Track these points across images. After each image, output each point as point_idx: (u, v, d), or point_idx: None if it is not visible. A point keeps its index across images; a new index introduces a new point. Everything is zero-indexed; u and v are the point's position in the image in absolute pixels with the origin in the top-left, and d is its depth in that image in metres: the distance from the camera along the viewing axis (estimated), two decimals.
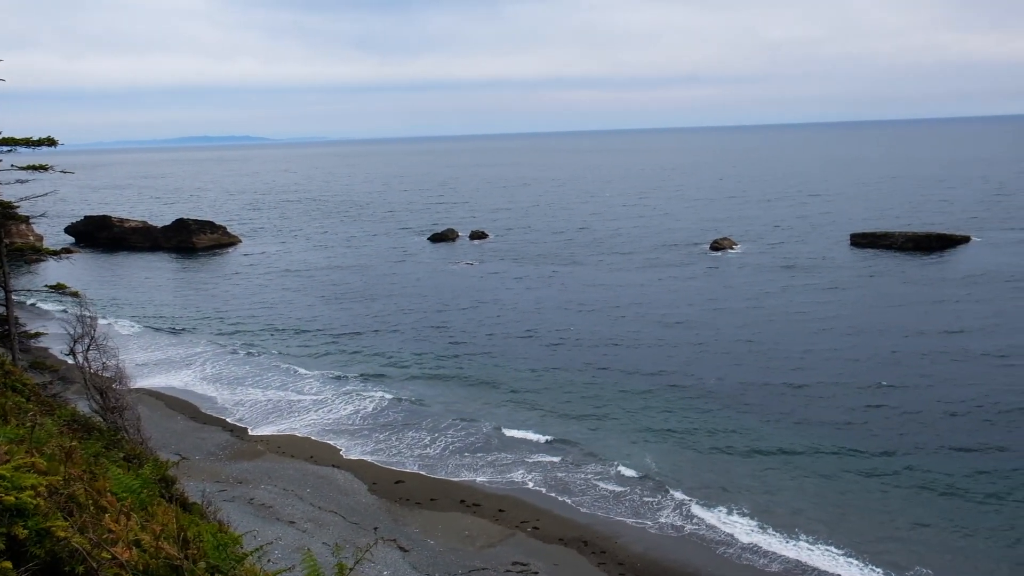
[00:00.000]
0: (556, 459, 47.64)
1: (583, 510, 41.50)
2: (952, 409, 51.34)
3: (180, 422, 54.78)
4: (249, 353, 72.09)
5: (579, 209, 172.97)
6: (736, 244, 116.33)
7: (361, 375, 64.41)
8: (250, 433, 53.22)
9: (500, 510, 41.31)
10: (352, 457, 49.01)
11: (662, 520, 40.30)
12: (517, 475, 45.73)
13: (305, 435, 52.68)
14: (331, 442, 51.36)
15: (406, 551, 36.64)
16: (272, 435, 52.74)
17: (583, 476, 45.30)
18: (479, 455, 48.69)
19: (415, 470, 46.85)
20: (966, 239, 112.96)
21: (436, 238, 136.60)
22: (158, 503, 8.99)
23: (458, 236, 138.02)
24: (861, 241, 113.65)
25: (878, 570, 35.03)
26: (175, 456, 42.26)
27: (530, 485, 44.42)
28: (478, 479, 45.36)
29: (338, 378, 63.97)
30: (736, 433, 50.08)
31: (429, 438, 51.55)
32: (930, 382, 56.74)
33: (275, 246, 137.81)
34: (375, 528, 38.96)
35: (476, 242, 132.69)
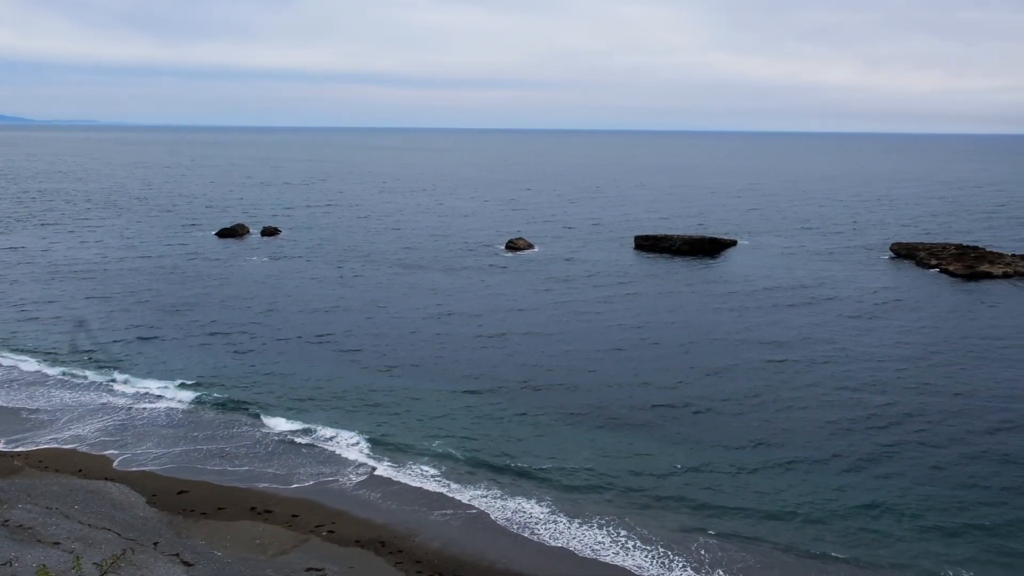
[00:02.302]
0: (353, 460, 46.69)
1: (381, 510, 40.94)
2: (723, 395, 56.27)
3: None
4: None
5: (378, 208, 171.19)
6: (532, 245, 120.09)
7: (136, 379, 59.49)
8: (1, 448, 47.54)
9: (294, 515, 39.78)
10: (128, 468, 45.19)
11: (460, 514, 40.63)
12: (311, 478, 44.31)
13: (71, 447, 47.88)
14: (103, 453, 47.08)
15: (190, 565, 34.23)
16: (31, 450, 47.43)
17: (381, 476, 44.71)
18: (270, 460, 46.67)
19: (200, 478, 44.02)
20: (734, 242, 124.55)
21: (224, 233, 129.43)
22: None
23: (249, 232, 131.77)
24: (644, 244, 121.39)
25: (669, 555, 37.43)
26: None
27: (325, 487, 43.22)
28: (269, 485, 43.43)
29: (110, 384, 58.68)
30: (531, 426, 51.61)
31: (215, 445, 48.65)
32: (699, 375, 61.71)
33: (35, 241, 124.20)
34: (155, 543, 36.11)
35: (268, 239, 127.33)
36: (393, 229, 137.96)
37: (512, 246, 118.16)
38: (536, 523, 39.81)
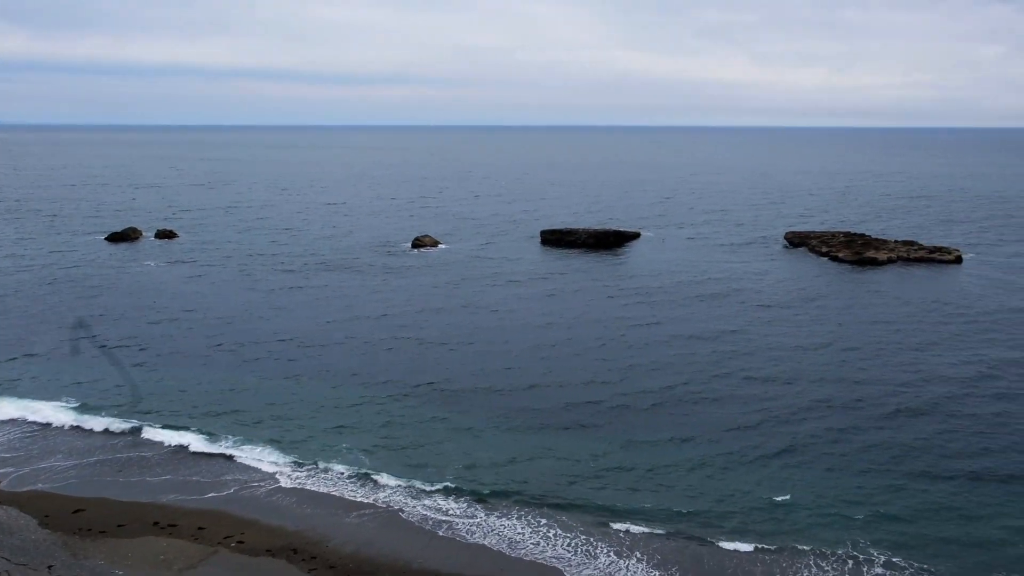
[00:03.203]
0: (261, 468, 45.41)
1: (293, 516, 39.96)
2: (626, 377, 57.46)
3: None
4: None
5: (279, 208, 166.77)
6: (439, 242, 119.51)
7: (23, 397, 56.09)
8: None
9: (200, 528, 38.37)
10: (18, 489, 42.61)
11: (374, 516, 40.08)
12: (217, 489, 42.84)
13: None
14: None
15: None
16: None
17: (292, 482, 43.64)
18: (173, 473, 44.88)
19: (98, 495, 41.92)
20: (637, 235, 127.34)
21: (115, 238, 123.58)
22: None
23: (141, 235, 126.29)
24: (550, 238, 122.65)
25: (591, 543, 37.87)
26: None
27: (233, 497, 41.87)
28: (174, 498, 41.75)
29: None
30: (443, 427, 51.37)
31: (113, 460, 46.43)
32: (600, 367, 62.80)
33: None
34: (49, 567, 34.20)
35: (163, 242, 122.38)
36: (296, 230, 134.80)
37: (419, 244, 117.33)
38: (453, 521, 39.66)
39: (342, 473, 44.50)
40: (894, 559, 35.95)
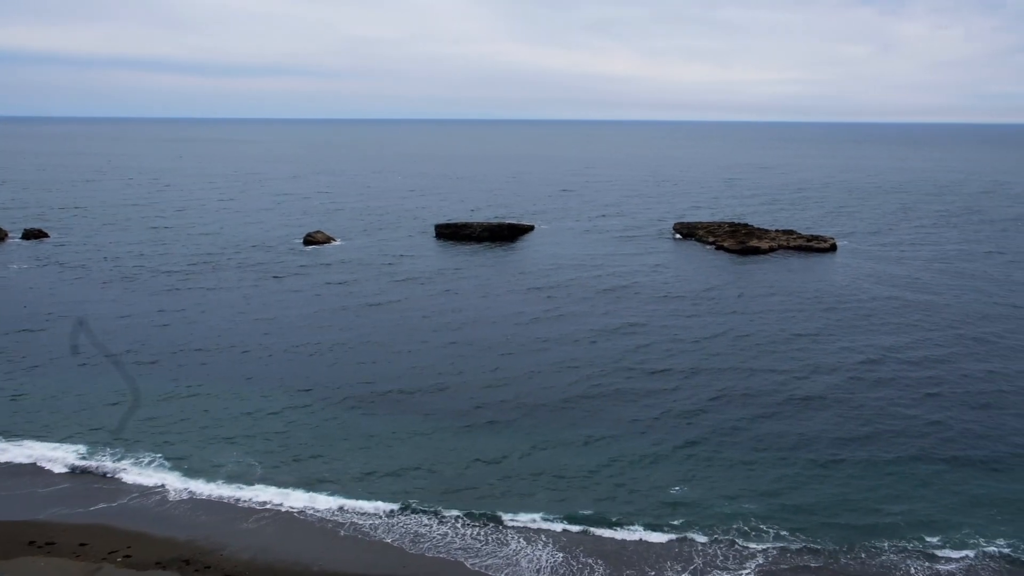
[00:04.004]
0: (148, 478, 43.34)
1: (184, 526, 38.34)
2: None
3: None
4: None
5: (161, 205, 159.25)
6: (333, 239, 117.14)
7: None
8: None
9: (82, 544, 36.29)
10: None
11: (271, 521, 38.94)
12: (100, 502, 40.61)
13: None
14: None
15: None
16: None
17: (181, 492, 41.84)
18: (51, 488, 42.23)
19: None
20: (531, 228, 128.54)
21: None
22: None
23: (7, 236, 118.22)
24: (445, 232, 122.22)
25: (492, 537, 37.90)
26: None
27: (118, 510, 39.80)
28: (53, 513, 39.31)
29: None
30: (340, 427, 50.43)
31: None
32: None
33: None
34: None
35: (31, 243, 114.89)
36: (180, 228, 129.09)
37: (311, 240, 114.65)
38: (354, 521, 39.02)
39: (236, 481, 42.95)
40: (783, 534, 37.66)
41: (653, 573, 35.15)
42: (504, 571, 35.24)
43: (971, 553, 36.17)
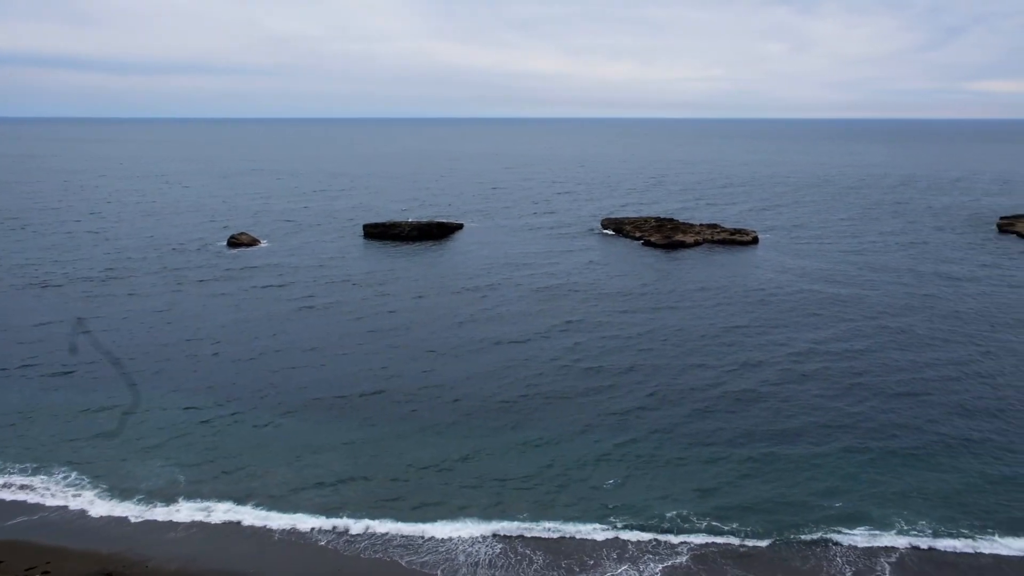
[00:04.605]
0: (66, 491, 41.63)
1: (107, 539, 36.99)
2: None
3: None
4: None
5: (78, 208, 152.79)
6: (259, 240, 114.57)
7: None
8: None
9: None
10: None
11: (199, 530, 37.90)
12: (14, 517, 38.85)
13: None
14: None
15: None
16: None
17: (103, 504, 40.33)
18: None
19: None
20: (460, 226, 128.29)
21: None
22: None
23: None
24: (373, 231, 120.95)
25: (437, 534, 37.59)
26: None
27: (35, 525, 38.13)
28: None
29: None
30: (270, 431, 49.42)
31: None
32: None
33: None
34: None
35: None
36: (95, 231, 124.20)
37: (236, 243, 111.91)
38: (286, 526, 38.22)
39: (161, 492, 41.54)
40: (715, 525, 38.40)
41: (591, 562, 35.49)
42: (441, 567, 35.10)
43: (898, 542, 36.99)
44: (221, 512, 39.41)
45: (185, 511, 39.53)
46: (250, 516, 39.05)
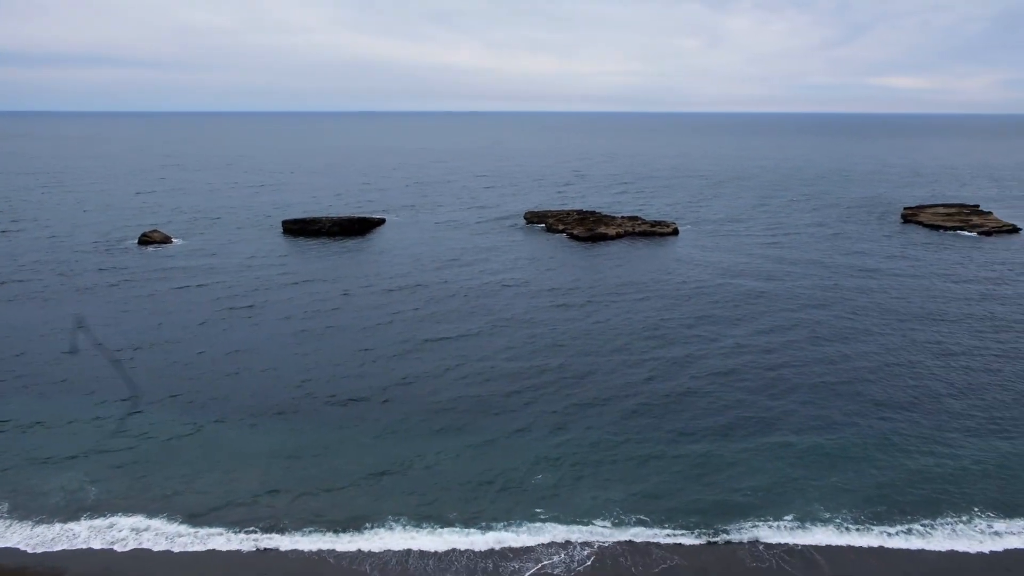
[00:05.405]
0: None
1: (14, 556, 34.72)
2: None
3: None
4: None
5: None
6: (171, 238, 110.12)
7: None
8: None
9: None
10: None
11: (116, 543, 36.02)
12: None
13: None
14: None
15: None
16: None
17: (17, 512, 37.87)
18: None
19: None
20: (382, 221, 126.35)
21: None
22: None
23: None
24: (292, 228, 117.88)
25: (378, 533, 36.56)
26: None
27: None
28: None
29: None
30: (190, 436, 47.34)
31: None
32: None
33: None
34: None
35: None
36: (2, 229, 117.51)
37: (147, 240, 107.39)
38: (204, 536, 36.60)
39: (70, 506, 39.33)
40: (646, 519, 38.63)
41: (529, 564, 35.12)
42: (368, 561, 34.34)
43: (824, 535, 37.76)
44: (128, 530, 37.31)
45: (97, 525, 37.48)
46: (164, 533, 37.16)
